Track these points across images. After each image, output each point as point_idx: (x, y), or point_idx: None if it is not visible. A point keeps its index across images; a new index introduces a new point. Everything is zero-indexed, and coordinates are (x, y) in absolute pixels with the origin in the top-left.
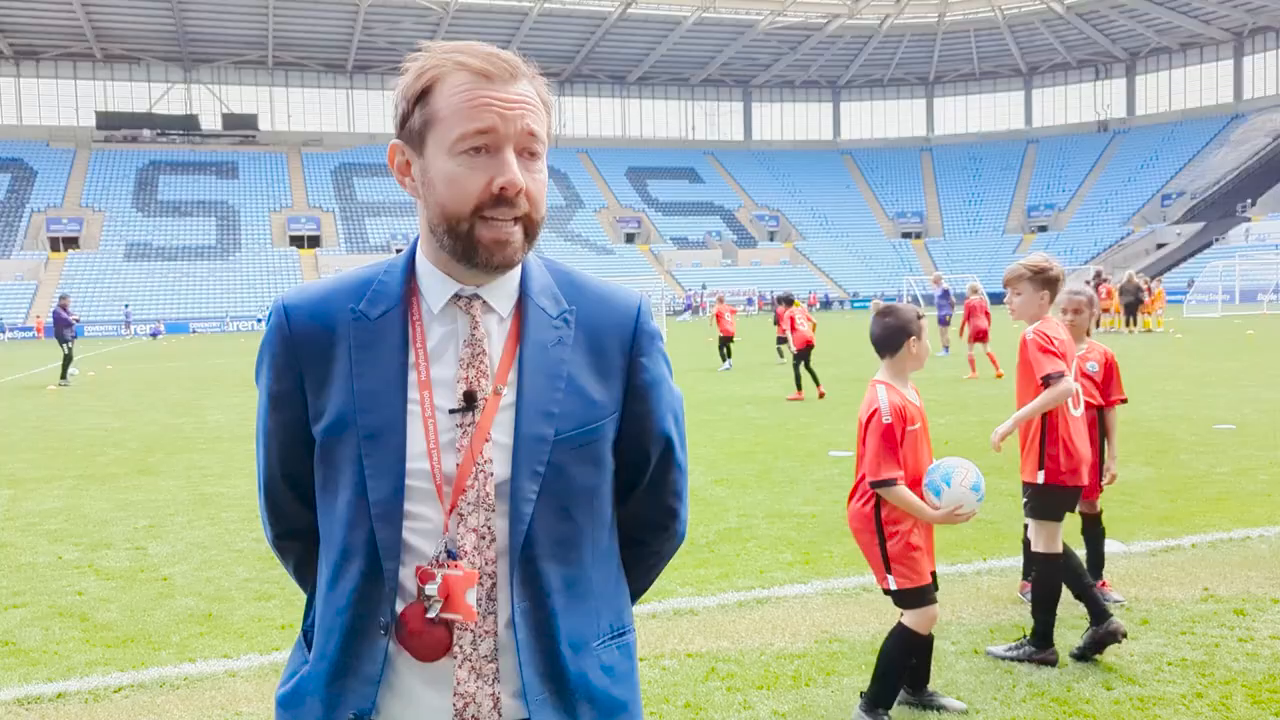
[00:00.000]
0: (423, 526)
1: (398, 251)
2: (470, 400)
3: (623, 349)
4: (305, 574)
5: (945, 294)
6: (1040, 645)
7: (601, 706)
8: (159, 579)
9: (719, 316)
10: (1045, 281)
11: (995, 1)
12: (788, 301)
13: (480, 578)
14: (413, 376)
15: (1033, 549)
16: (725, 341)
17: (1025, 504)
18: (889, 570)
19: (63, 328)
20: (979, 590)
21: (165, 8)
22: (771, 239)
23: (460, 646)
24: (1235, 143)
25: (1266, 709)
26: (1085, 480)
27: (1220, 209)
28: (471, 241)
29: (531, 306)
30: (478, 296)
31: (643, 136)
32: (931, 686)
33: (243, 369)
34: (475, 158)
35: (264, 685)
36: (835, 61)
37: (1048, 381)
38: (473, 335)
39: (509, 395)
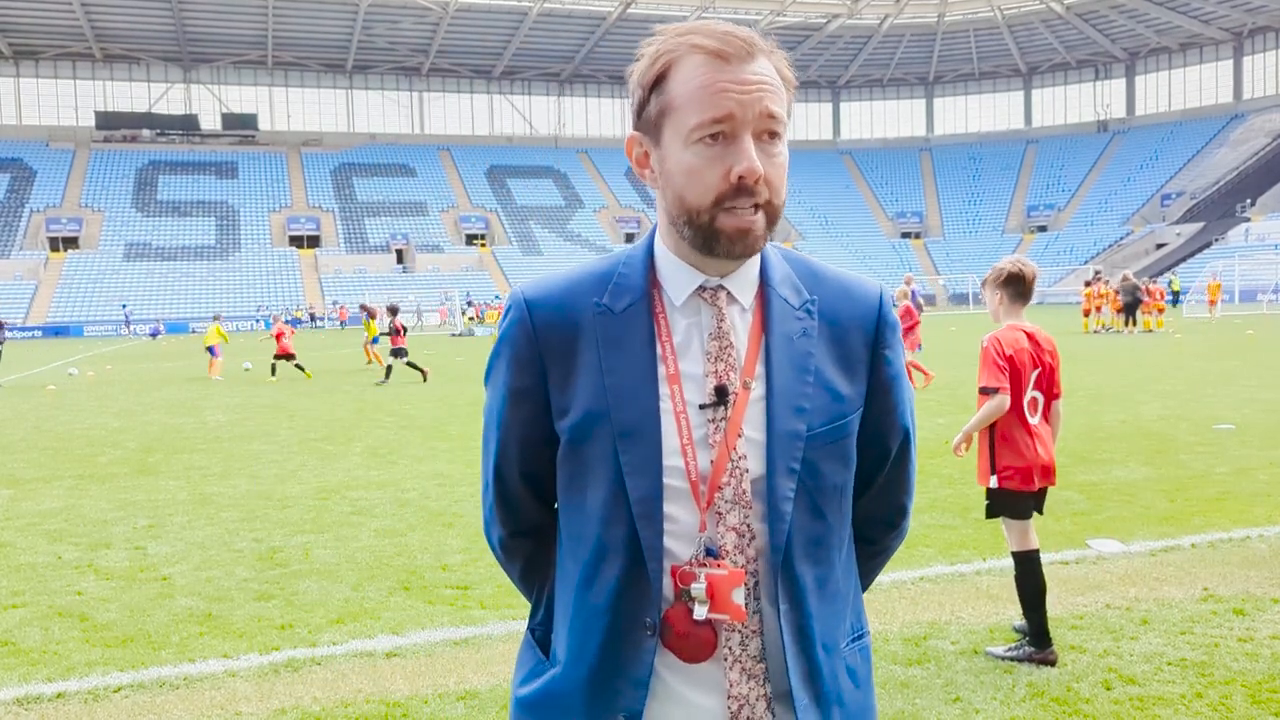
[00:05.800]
0: (675, 528)
1: (398, 251)
2: (721, 395)
3: (866, 341)
4: (533, 574)
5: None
6: (1039, 645)
7: (849, 711)
8: (159, 579)
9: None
10: (997, 281)
11: (995, 1)
12: None
13: (745, 577)
14: (661, 371)
15: (1009, 547)
16: None
17: (986, 506)
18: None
19: None
20: (979, 590)
21: (165, 8)
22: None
23: (730, 648)
24: (1235, 143)
25: (1266, 709)
26: (1036, 485)
27: (1220, 209)
28: (713, 231)
29: (774, 297)
30: (722, 288)
31: None
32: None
33: (242, 369)
34: (713, 146)
35: (264, 685)
36: (835, 61)
37: (983, 393)
38: (719, 328)
39: (758, 389)
